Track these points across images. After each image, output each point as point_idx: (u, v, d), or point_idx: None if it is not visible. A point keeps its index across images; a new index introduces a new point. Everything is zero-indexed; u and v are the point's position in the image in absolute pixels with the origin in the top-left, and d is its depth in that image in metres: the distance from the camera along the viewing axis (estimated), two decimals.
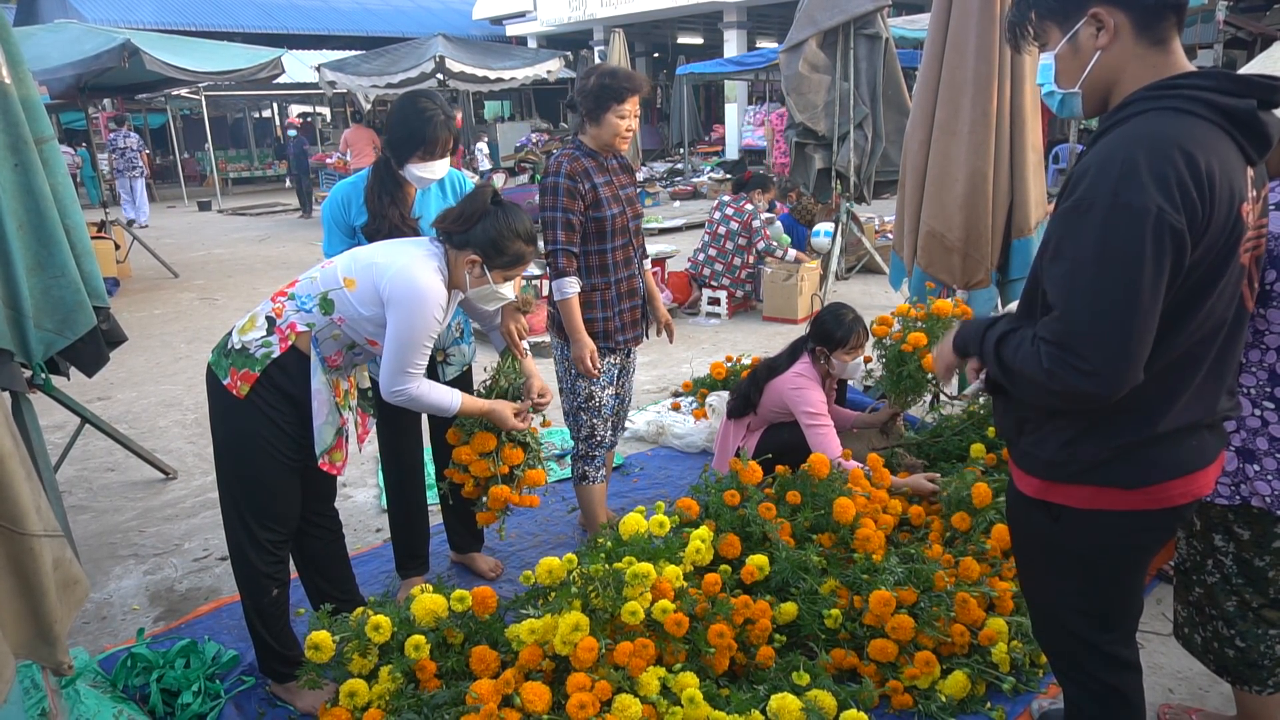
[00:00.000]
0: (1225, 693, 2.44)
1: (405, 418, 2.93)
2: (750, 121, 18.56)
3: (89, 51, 8.01)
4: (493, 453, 2.56)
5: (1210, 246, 1.34)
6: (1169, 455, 1.49)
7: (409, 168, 2.68)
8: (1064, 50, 1.47)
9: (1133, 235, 1.29)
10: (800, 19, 7.04)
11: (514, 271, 2.42)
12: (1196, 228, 1.31)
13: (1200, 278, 1.37)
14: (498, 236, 2.34)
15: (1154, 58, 1.41)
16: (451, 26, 21.20)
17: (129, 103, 18.67)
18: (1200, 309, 1.40)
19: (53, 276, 2.99)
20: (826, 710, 2.19)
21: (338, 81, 13.41)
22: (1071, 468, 1.51)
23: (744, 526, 2.82)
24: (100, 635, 2.97)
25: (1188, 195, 1.29)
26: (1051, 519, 1.58)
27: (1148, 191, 1.28)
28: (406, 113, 2.67)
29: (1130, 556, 1.62)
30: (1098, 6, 1.41)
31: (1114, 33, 1.41)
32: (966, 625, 2.49)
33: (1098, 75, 1.45)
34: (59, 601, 1.66)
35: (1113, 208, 1.30)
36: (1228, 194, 1.33)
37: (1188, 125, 1.34)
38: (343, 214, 2.78)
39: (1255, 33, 13.52)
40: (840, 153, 7.21)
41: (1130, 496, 1.49)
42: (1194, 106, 1.35)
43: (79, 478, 4.33)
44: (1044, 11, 1.49)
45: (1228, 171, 1.34)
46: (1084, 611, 1.66)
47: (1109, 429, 1.47)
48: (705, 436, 4.36)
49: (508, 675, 2.18)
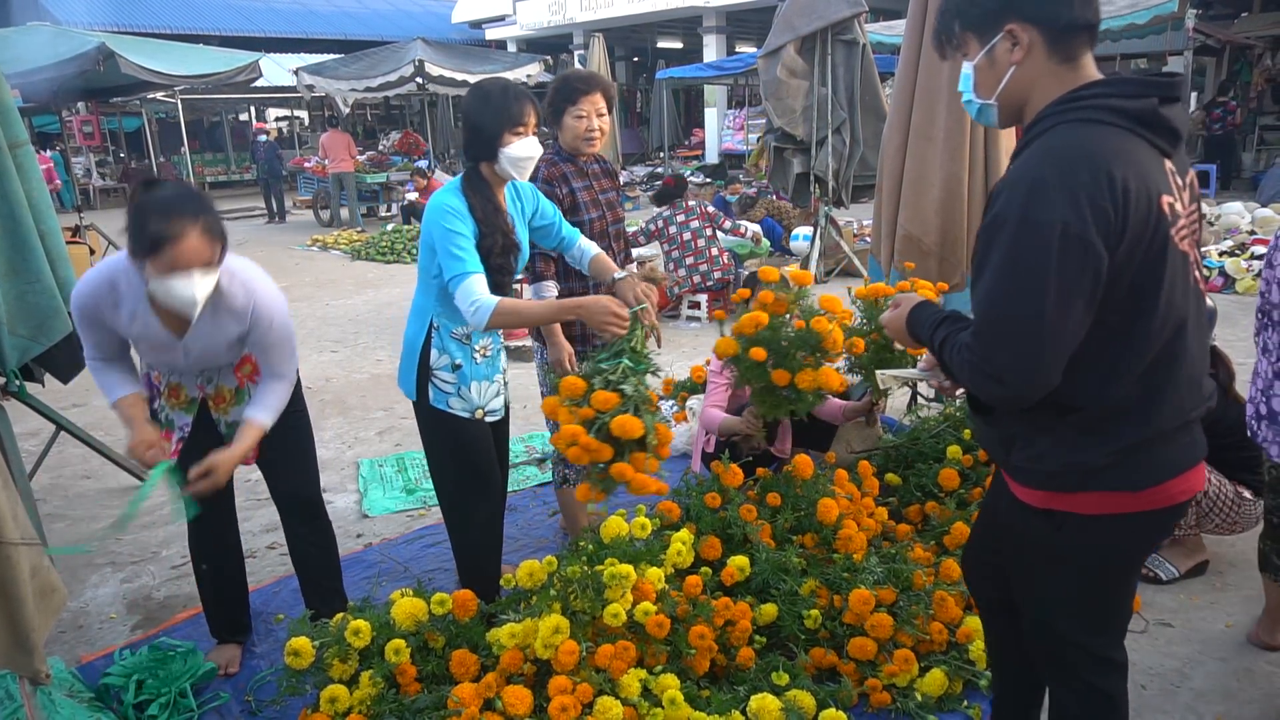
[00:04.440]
0: (1196, 688, 2.49)
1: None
2: (730, 126, 18.65)
3: (63, 55, 7.93)
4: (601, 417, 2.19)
5: (1135, 243, 1.40)
6: (1167, 455, 1.53)
7: (503, 153, 2.42)
8: (982, 62, 1.55)
9: (1039, 249, 1.36)
10: (778, 25, 7.09)
11: (167, 261, 2.07)
12: (1111, 232, 1.37)
13: (1142, 276, 1.43)
14: (132, 219, 2.09)
15: (1065, 74, 1.49)
16: (430, 30, 21.14)
17: (104, 106, 18.48)
18: (1157, 304, 1.44)
19: (27, 282, 2.97)
20: (805, 710, 2.21)
21: (316, 85, 13.35)
22: (1073, 477, 1.53)
23: (725, 528, 2.84)
24: (77, 644, 2.94)
25: (1096, 203, 1.35)
26: (1055, 527, 1.59)
27: (1054, 207, 1.35)
28: (479, 98, 2.47)
29: (1132, 559, 1.66)
30: (1014, 23, 1.48)
31: (1028, 49, 1.48)
32: (945, 623, 2.52)
33: (1012, 89, 1.53)
34: (36, 610, 1.65)
35: (1021, 222, 1.38)
36: (1143, 193, 1.39)
37: (1095, 134, 1.41)
38: (106, 313, 2.28)
39: (1224, 40, 13.78)
40: (819, 157, 7.26)
41: (1136, 499, 1.53)
42: (1099, 115, 1.42)
43: (55, 485, 4.28)
44: (965, 23, 1.56)
45: (1140, 171, 1.40)
46: (1082, 616, 1.67)
47: (1104, 435, 1.49)
48: (685, 440, 4.37)
49: (489, 679, 2.18)
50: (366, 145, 18.86)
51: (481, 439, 2.66)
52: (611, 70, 17.17)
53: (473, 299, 2.31)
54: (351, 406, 5.36)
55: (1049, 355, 1.40)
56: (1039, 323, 1.38)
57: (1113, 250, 1.38)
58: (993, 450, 1.68)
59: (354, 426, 5.03)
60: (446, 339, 2.54)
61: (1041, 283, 1.36)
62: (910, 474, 3.42)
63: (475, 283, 2.33)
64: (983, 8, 1.51)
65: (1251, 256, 7.56)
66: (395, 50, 13.64)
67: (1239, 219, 9.18)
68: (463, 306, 2.33)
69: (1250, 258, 7.54)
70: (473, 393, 2.59)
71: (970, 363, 1.47)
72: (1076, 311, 1.39)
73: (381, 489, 4.10)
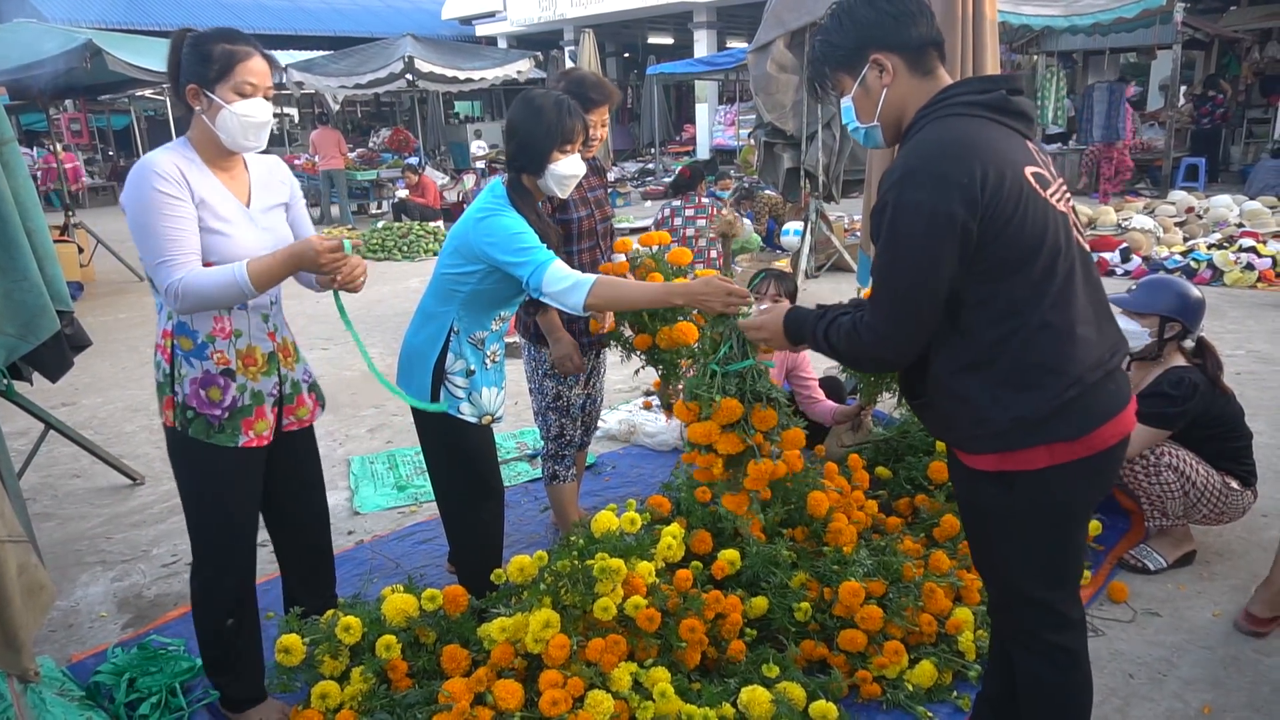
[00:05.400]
0: (1183, 677, 2.51)
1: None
2: (721, 121, 18.64)
3: (50, 52, 7.87)
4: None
5: (1002, 207, 1.60)
6: (1098, 402, 1.69)
7: (551, 169, 2.42)
8: (858, 93, 1.79)
9: (912, 225, 1.61)
10: (768, 20, 7.09)
11: (240, 79, 2.07)
12: (974, 202, 1.59)
13: (1020, 230, 1.62)
14: (194, 50, 2.08)
15: (927, 84, 1.74)
16: (420, 26, 21.06)
17: (92, 104, 18.37)
18: (1039, 255, 1.64)
19: (14, 280, 2.96)
20: (796, 701, 2.22)
21: (305, 82, 13.28)
22: (1018, 433, 1.68)
23: (715, 523, 2.85)
24: (68, 643, 2.94)
25: (956, 181, 1.58)
26: (1005, 488, 1.73)
27: (922, 188, 1.60)
28: (532, 111, 2.43)
29: (1078, 509, 1.79)
30: (876, 53, 1.73)
31: (894, 72, 1.73)
32: (934, 615, 2.53)
33: (888, 109, 1.77)
34: (24, 608, 1.65)
35: (897, 205, 1.63)
36: (1007, 167, 1.62)
37: (956, 125, 1.66)
38: (183, 191, 2.12)
39: (1212, 34, 13.83)
40: (809, 152, 7.27)
41: (1074, 447, 1.68)
42: (958, 109, 1.67)
43: (44, 484, 4.27)
44: (834, 65, 1.81)
45: (998, 149, 1.63)
46: (1041, 573, 1.80)
47: (1034, 387, 1.66)
48: (677, 435, 4.38)
49: (480, 674, 2.19)
50: (357, 142, 18.81)
51: (487, 444, 2.68)
52: (602, 66, 17.15)
53: (566, 278, 2.26)
54: (342, 404, 5.35)
55: (927, 315, 1.66)
56: (918, 287, 1.64)
57: (980, 215, 1.60)
58: (940, 431, 1.83)
59: (345, 424, 5.02)
60: (464, 344, 2.53)
61: (917, 253, 1.62)
62: (900, 467, 3.44)
63: (559, 266, 2.29)
64: (844, 48, 1.77)
65: (1239, 249, 7.60)
66: (385, 47, 13.59)
67: (1227, 212, 9.24)
68: (558, 289, 2.26)
69: (1238, 250, 7.58)
70: (483, 398, 2.59)
71: (866, 327, 1.72)
72: (946, 271, 1.63)
73: (373, 486, 4.10)
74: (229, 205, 2.16)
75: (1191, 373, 2.94)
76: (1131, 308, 3.02)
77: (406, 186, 13.05)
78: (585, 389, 3.26)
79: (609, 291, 2.31)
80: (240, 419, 2.22)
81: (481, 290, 2.47)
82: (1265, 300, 6.86)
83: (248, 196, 2.23)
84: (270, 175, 2.33)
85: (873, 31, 1.73)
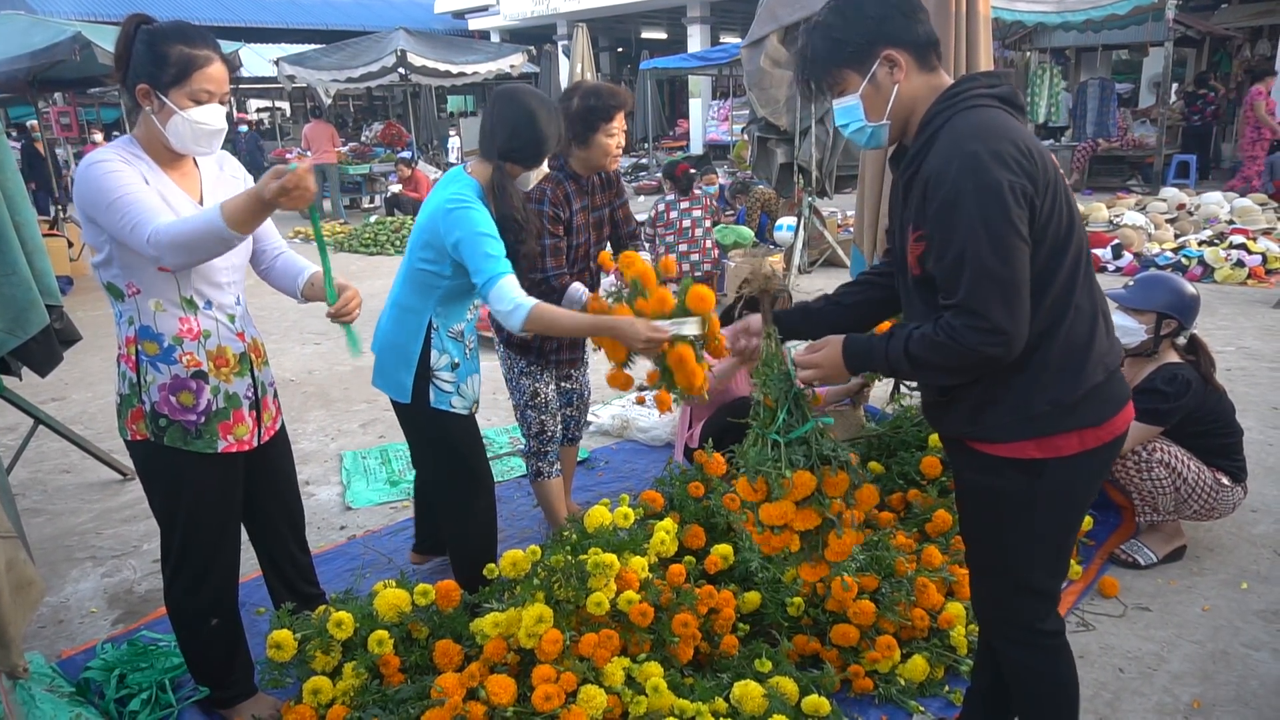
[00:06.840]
0: (1173, 671, 2.52)
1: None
2: (714, 116, 18.62)
3: (38, 44, 7.80)
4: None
5: (1050, 186, 1.60)
6: (1115, 390, 1.73)
7: (537, 171, 2.54)
8: (867, 90, 1.73)
9: (999, 207, 1.55)
10: (762, 14, 7.08)
11: (197, 85, 1.98)
12: (1038, 185, 1.58)
13: (1060, 216, 1.62)
14: (148, 49, 1.97)
15: (933, 81, 1.73)
16: (413, 20, 20.98)
17: (81, 97, 18.25)
18: (1074, 236, 1.65)
19: (3, 274, 2.93)
20: (788, 696, 2.22)
21: (297, 76, 13.20)
22: (1053, 417, 1.68)
23: (708, 517, 2.85)
24: (58, 639, 2.92)
25: (1021, 162, 1.57)
26: (1034, 475, 1.71)
27: (995, 170, 1.55)
28: (546, 109, 2.47)
29: (1091, 494, 1.82)
30: (887, 49, 1.69)
31: (905, 68, 1.70)
32: (926, 610, 2.54)
33: (900, 105, 1.73)
34: (13, 603, 1.64)
35: (976, 190, 1.55)
36: (1040, 151, 1.62)
37: (987, 114, 1.64)
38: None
39: (1204, 31, 13.88)
40: (802, 147, 7.27)
41: (1099, 433, 1.71)
42: (981, 100, 1.66)
43: (33, 480, 4.24)
44: (842, 61, 1.74)
45: (1028, 135, 1.63)
46: (1047, 562, 1.81)
47: (1073, 371, 1.66)
48: (669, 430, 4.38)
49: (473, 669, 2.18)
50: (349, 136, 18.74)
51: (475, 433, 2.69)
52: (595, 61, 17.09)
53: (512, 300, 2.30)
54: (334, 399, 5.33)
55: (1025, 295, 1.59)
56: (1016, 272, 1.57)
57: (1039, 192, 1.59)
58: (962, 425, 1.77)
59: (337, 419, 5.00)
60: (445, 338, 2.53)
61: (1010, 235, 1.56)
62: (893, 462, 3.44)
63: (511, 284, 2.33)
64: (853, 44, 1.71)
65: (1230, 246, 7.63)
66: (377, 40, 13.53)
67: (1218, 209, 9.26)
68: (500, 308, 2.31)
69: (1229, 247, 7.61)
70: (469, 387, 2.61)
71: (965, 328, 1.58)
72: (1027, 254, 1.60)
73: (365, 481, 4.09)
74: (183, 202, 2.07)
75: (1185, 369, 2.95)
76: (1129, 304, 3.02)
77: (399, 181, 13.00)
78: (571, 384, 3.26)
79: (546, 318, 2.34)
80: (217, 423, 2.15)
81: (458, 284, 2.48)
82: (1255, 297, 6.89)
83: (200, 195, 2.14)
84: (221, 171, 2.24)
85: (884, 27, 1.69)
